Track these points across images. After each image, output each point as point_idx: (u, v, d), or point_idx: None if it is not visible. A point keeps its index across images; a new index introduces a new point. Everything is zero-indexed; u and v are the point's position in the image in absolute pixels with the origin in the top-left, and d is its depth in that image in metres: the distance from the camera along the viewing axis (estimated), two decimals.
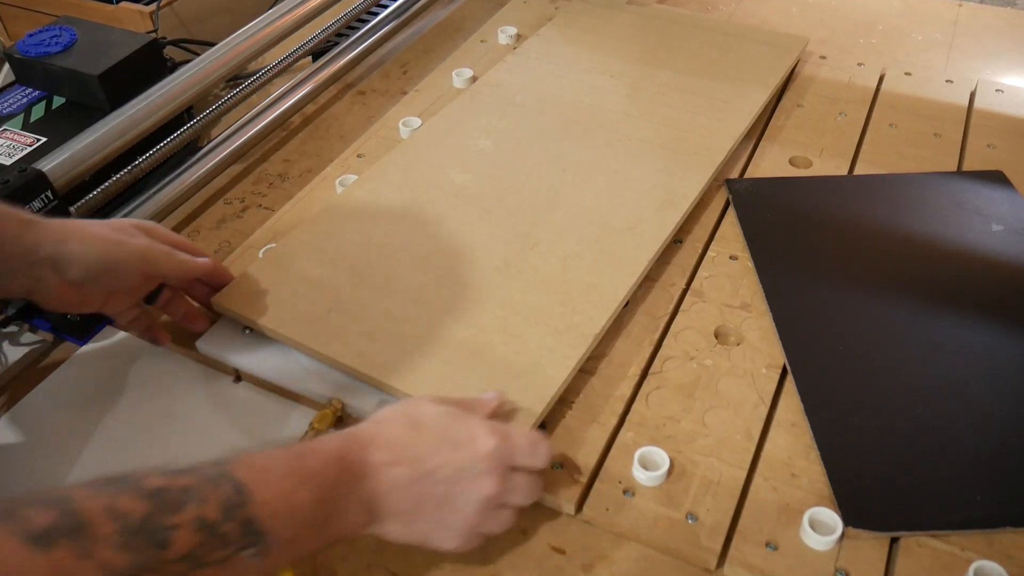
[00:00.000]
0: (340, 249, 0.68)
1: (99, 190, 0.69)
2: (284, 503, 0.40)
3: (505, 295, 0.64)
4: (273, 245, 0.71)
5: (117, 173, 0.71)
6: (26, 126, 0.72)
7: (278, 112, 0.88)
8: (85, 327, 0.66)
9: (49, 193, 0.61)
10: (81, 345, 0.66)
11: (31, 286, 0.54)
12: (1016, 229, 0.74)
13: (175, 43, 1.02)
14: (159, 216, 0.76)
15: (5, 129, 0.71)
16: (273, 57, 0.91)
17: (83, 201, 0.68)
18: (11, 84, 0.77)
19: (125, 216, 0.73)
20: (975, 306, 0.66)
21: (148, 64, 0.76)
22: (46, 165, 0.64)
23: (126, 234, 0.56)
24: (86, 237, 0.54)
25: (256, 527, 0.38)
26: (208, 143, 0.83)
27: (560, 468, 0.55)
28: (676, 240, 0.73)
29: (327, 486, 0.42)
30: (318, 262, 0.67)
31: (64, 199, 0.65)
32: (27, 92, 0.76)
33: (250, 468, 0.40)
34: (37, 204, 0.60)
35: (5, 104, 0.74)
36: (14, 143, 0.70)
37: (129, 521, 0.34)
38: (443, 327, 0.61)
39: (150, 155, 0.74)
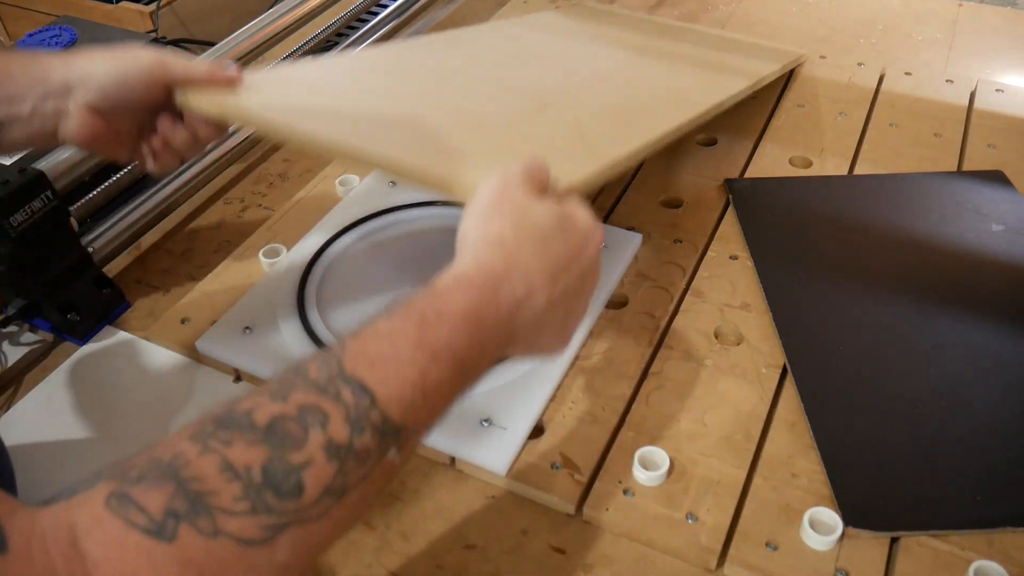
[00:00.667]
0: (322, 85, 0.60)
1: (99, 190, 0.69)
2: (415, 391, 0.34)
3: (510, 141, 0.57)
4: (275, 245, 0.71)
5: (117, 173, 0.71)
6: None
7: None
8: (85, 327, 0.66)
9: (49, 193, 0.61)
10: (81, 345, 0.66)
11: (52, 124, 0.52)
12: (1016, 229, 0.74)
13: (175, 43, 1.02)
14: (159, 216, 0.76)
15: None
16: (273, 57, 0.91)
17: (83, 201, 0.68)
18: None
19: (125, 217, 0.73)
20: (975, 306, 0.66)
21: None
22: (46, 165, 0.64)
23: (132, 47, 0.55)
24: (91, 56, 0.53)
25: (391, 426, 0.33)
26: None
27: (560, 468, 0.55)
28: (676, 240, 0.73)
29: (460, 355, 0.36)
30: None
31: (64, 199, 0.65)
32: None
33: (367, 363, 0.34)
34: (37, 204, 0.60)
35: None
36: None
37: (251, 476, 0.30)
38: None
39: None
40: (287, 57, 0.91)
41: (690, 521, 0.51)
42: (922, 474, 0.53)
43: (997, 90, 0.93)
